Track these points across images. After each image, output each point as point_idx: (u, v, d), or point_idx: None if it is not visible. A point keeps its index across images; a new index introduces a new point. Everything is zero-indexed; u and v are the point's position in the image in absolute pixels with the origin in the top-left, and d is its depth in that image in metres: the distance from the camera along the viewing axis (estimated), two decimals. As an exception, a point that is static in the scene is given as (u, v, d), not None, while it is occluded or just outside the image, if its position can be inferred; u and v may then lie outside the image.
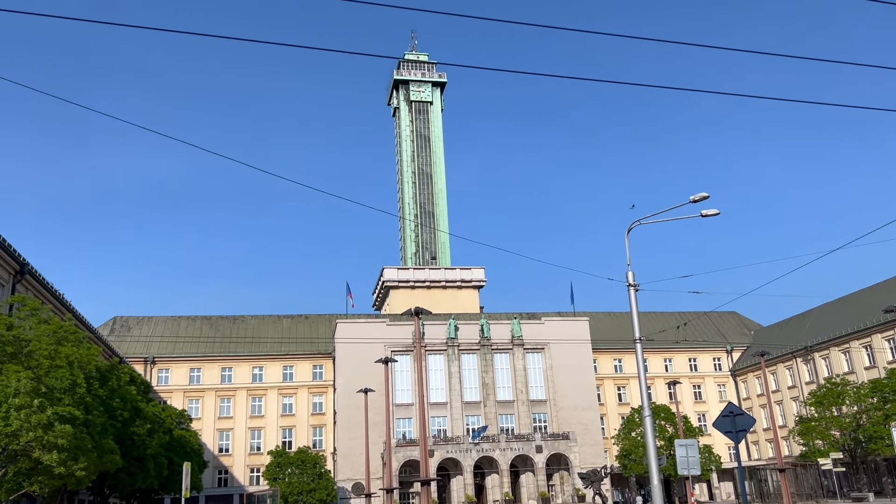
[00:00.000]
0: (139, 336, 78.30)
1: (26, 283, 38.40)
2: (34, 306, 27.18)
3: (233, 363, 77.89)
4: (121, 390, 35.91)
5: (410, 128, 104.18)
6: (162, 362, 76.39)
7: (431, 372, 72.44)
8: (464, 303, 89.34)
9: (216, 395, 76.38)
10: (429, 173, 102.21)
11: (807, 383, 76.22)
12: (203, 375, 76.90)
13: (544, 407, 73.74)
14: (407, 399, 71.11)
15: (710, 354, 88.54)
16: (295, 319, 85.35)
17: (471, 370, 73.75)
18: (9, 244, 34.98)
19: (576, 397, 73.78)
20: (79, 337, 27.59)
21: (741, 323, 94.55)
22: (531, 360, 75.14)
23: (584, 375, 75.16)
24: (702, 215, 24.42)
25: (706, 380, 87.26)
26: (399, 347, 71.37)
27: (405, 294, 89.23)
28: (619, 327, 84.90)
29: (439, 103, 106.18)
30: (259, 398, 77.36)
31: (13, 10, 12.37)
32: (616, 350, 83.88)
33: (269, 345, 79.71)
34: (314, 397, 78.51)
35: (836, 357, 73.12)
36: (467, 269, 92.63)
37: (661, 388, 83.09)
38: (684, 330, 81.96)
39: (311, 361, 79.46)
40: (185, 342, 78.30)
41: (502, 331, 75.27)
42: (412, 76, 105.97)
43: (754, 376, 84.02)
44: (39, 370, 24.25)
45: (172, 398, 73.08)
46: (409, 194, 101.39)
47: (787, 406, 79.68)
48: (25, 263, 37.01)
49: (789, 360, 79.41)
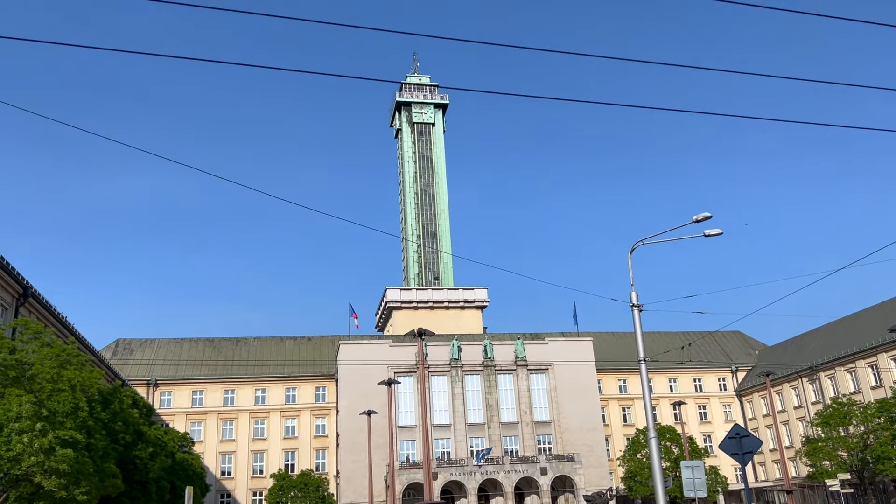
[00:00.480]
0: (142, 359, 78.15)
1: (29, 307, 38.43)
2: (37, 329, 27.13)
3: (235, 385, 77.62)
4: (123, 413, 35.71)
5: (413, 149, 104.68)
6: (164, 385, 76.13)
7: (435, 393, 72.10)
8: (467, 323, 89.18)
9: (218, 418, 76.02)
10: (431, 194, 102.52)
11: (813, 403, 75.66)
12: (205, 398, 76.59)
13: (549, 428, 73.24)
14: (410, 421, 70.72)
15: (715, 375, 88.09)
16: (298, 341, 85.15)
17: (474, 391, 73.39)
18: (12, 267, 35.06)
19: (580, 418, 73.30)
20: (81, 360, 27.50)
21: (746, 343, 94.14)
22: (535, 380, 74.77)
23: (589, 396, 74.73)
24: (705, 235, 24.43)
25: (711, 400, 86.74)
26: (402, 369, 71.12)
27: (408, 315, 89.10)
28: (624, 347, 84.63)
29: (441, 124, 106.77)
30: (262, 421, 76.96)
31: (15, 38, 12.49)
32: (620, 370, 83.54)
33: (271, 367, 79.45)
34: (317, 419, 78.09)
35: (841, 377, 72.66)
36: (470, 290, 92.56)
37: (665, 408, 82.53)
38: (689, 350, 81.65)
39: (313, 383, 79.15)
40: (188, 365, 78.10)
41: (506, 351, 74.99)
42: (414, 98, 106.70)
43: (760, 396, 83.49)
44: (42, 394, 24.13)
45: (175, 421, 72.75)
46: (411, 215, 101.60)
47: (793, 426, 79.04)
48: (29, 286, 37.06)
49: (795, 380, 78.93)
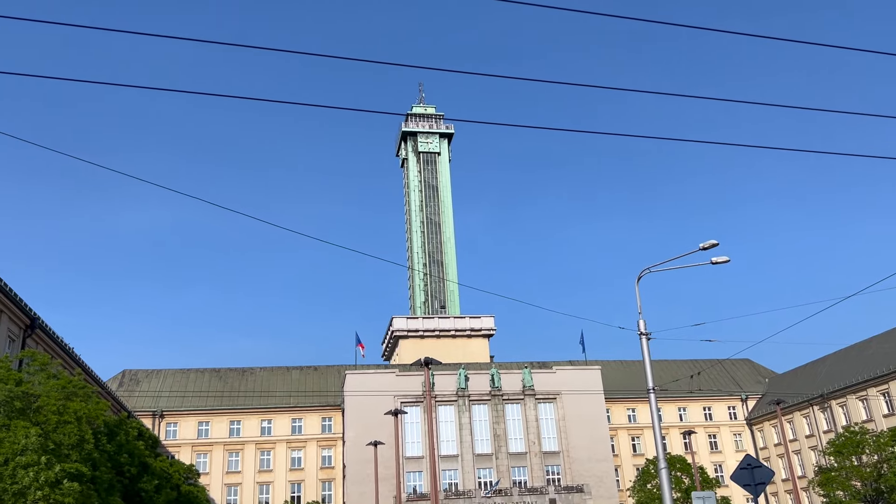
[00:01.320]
0: (148, 389, 77.92)
1: (37, 338, 38.46)
2: (44, 361, 27.12)
3: (241, 416, 77.16)
4: (129, 445, 35.52)
5: (419, 178, 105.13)
6: (170, 416, 75.75)
7: (442, 423, 71.48)
8: (474, 352, 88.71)
9: (224, 449, 75.47)
10: (437, 222, 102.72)
11: (825, 432, 74.66)
12: (211, 429, 76.12)
13: (557, 459, 72.38)
14: (417, 452, 70.01)
15: (725, 403, 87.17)
16: (304, 371, 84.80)
17: (482, 421, 72.71)
18: (20, 298, 35.16)
19: (589, 448, 72.45)
20: (87, 392, 27.43)
21: (755, 371, 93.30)
22: (543, 410, 74.08)
23: (598, 426, 73.94)
24: (712, 262, 24.37)
25: (722, 429, 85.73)
26: (409, 398, 70.63)
27: (415, 344, 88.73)
28: (632, 376, 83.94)
29: (447, 154, 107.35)
30: (268, 452, 76.36)
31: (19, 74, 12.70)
32: (629, 399, 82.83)
33: (277, 397, 79.02)
34: (323, 450, 77.45)
35: (853, 405, 71.79)
36: (477, 318, 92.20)
37: (675, 437, 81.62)
38: (698, 379, 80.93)
39: (320, 414, 78.64)
40: (194, 396, 77.78)
41: (513, 380, 74.44)
42: (420, 128, 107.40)
43: (771, 425, 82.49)
44: (48, 426, 24.06)
45: (180, 452, 72.25)
46: (417, 243, 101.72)
47: (805, 455, 77.94)
48: (36, 318, 37.13)
49: (806, 408, 78.01)
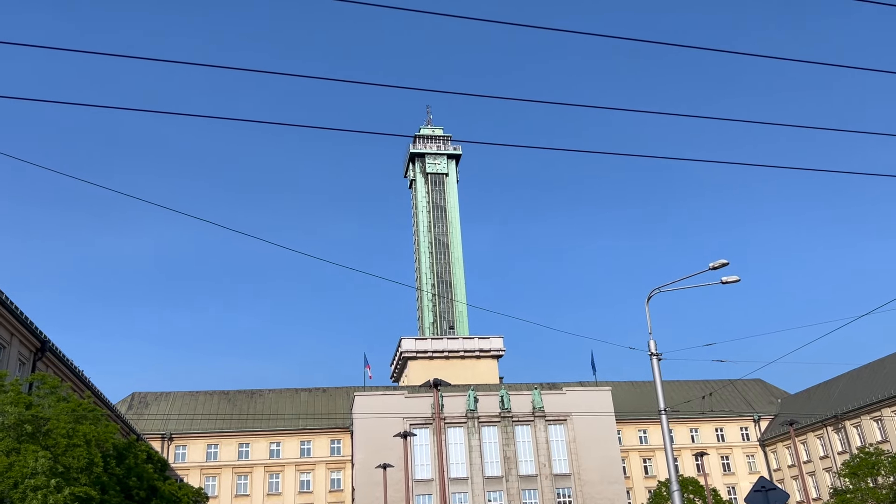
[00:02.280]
0: (157, 412, 77.83)
1: (47, 361, 38.53)
2: (54, 384, 27.13)
3: (250, 439, 76.89)
4: (138, 468, 35.36)
5: (427, 199, 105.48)
6: (179, 438, 75.56)
7: (451, 446, 70.96)
8: (483, 373, 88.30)
9: (233, 472, 75.12)
10: (445, 243, 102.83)
11: (839, 453, 73.71)
12: (220, 452, 75.85)
13: (568, 481, 71.63)
14: (426, 474, 69.45)
15: (738, 424, 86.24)
16: (312, 393, 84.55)
17: (492, 443, 72.15)
18: (31, 322, 35.28)
19: (601, 471, 71.69)
20: (97, 414, 27.39)
21: (767, 391, 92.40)
22: (553, 431, 73.46)
23: (609, 447, 73.22)
24: (722, 282, 24.26)
25: (734, 450, 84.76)
26: (418, 420, 70.23)
27: (423, 365, 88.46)
28: (643, 397, 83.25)
29: (454, 174, 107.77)
30: (276, 475, 75.94)
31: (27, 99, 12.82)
32: (640, 421, 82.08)
33: (286, 419, 78.75)
34: (332, 473, 76.96)
35: (867, 425, 70.91)
36: (486, 339, 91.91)
37: (687, 459, 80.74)
38: (710, 399, 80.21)
39: (328, 436, 78.26)
40: (203, 418, 77.61)
41: (523, 402, 73.93)
42: (428, 149, 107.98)
43: (784, 446, 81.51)
44: (57, 449, 24.00)
45: (189, 475, 71.93)
46: (426, 264, 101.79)
47: (819, 477, 76.91)
48: (47, 341, 37.22)
49: (819, 428, 77.10)
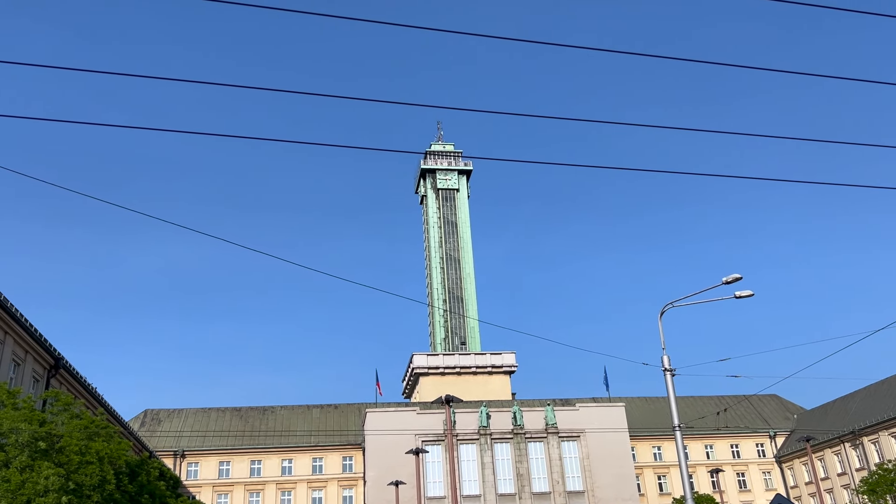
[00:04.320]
0: (169, 429, 77.90)
1: (60, 378, 38.73)
2: (67, 401, 27.25)
3: (262, 455, 76.74)
4: (150, 486, 35.33)
5: (438, 214, 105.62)
6: (192, 455, 75.52)
7: (463, 462, 70.51)
8: (495, 389, 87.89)
9: (245, 490, 74.92)
10: (456, 258, 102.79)
11: (857, 469, 72.66)
12: (232, 469, 75.72)
13: (582, 498, 70.91)
14: (439, 492, 68.98)
15: (753, 440, 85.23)
16: (324, 409, 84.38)
17: (504, 460, 71.64)
18: (45, 339, 35.51)
19: (615, 488, 70.96)
20: (110, 431, 27.46)
21: (783, 406, 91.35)
22: (566, 448, 72.87)
23: (623, 464, 72.50)
24: (736, 297, 24.06)
25: (750, 467, 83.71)
26: (430, 437, 69.87)
27: (435, 381, 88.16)
28: (657, 413, 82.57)
29: (465, 190, 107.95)
30: (288, 492, 75.67)
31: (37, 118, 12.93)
32: (654, 437, 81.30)
33: (298, 436, 78.58)
34: (344, 490, 76.58)
35: (885, 441, 69.92)
36: (498, 354, 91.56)
37: (703, 476, 79.80)
38: (724, 415, 79.41)
39: (340, 453, 77.98)
40: (215, 435, 77.59)
41: (536, 418, 73.44)
42: (438, 165, 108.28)
43: (801, 462, 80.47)
44: (70, 466, 24.04)
45: (202, 493, 71.84)
46: (437, 280, 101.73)
47: (837, 494, 75.78)
48: (60, 358, 37.44)
49: (836, 444, 76.08)
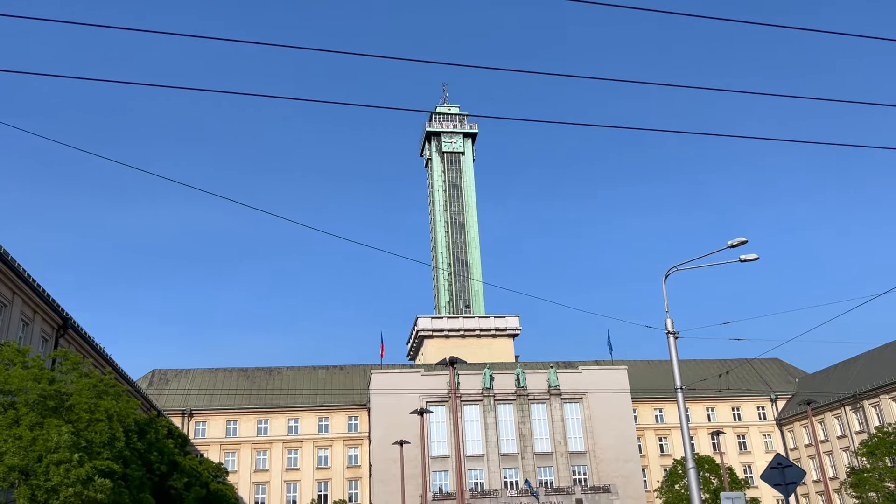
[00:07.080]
0: (177, 388, 78.96)
1: (69, 338, 39.14)
2: (76, 360, 27.56)
3: (269, 415, 77.83)
4: (158, 444, 35.97)
5: (443, 178, 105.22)
6: (199, 415, 76.64)
7: (467, 423, 71.48)
8: (499, 351, 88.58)
9: (252, 448, 76.18)
10: (461, 222, 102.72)
11: (857, 433, 73.37)
12: (239, 428, 76.89)
13: (584, 459, 71.97)
14: (443, 451, 70.05)
15: (754, 403, 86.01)
16: (330, 370, 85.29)
17: (507, 421, 72.57)
18: (53, 299, 35.80)
19: (616, 449, 71.94)
20: (118, 390, 27.83)
21: (785, 370, 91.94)
22: (569, 410, 73.71)
23: (625, 426, 73.39)
24: (740, 260, 24.05)
25: (751, 429, 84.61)
26: (434, 398, 70.71)
27: (439, 343, 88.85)
28: (659, 376, 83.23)
29: (471, 153, 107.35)
30: (295, 451, 76.92)
31: (47, 74, 12.91)
32: (656, 399, 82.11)
33: (304, 396, 79.60)
34: (350, 449, 77.81)
35: (886, 405, 70.45)
36: (502, 318, 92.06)
37: (703, 438, 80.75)
38: (726, 378, 80.00)
39: (346, 413, 79.05)
40: (222, 395, 78.63)
41: (539, 380, 74.17)
42: (444, 128, 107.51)
43: (801, 426, 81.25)
44: (79, 424, 24.41)
45: (209, 451, 73.05)
46: (441, 243, 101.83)
47: (837, 457, 76.66)
48: (68, 318, 37.78)
49: (837, 408, 76.71)
